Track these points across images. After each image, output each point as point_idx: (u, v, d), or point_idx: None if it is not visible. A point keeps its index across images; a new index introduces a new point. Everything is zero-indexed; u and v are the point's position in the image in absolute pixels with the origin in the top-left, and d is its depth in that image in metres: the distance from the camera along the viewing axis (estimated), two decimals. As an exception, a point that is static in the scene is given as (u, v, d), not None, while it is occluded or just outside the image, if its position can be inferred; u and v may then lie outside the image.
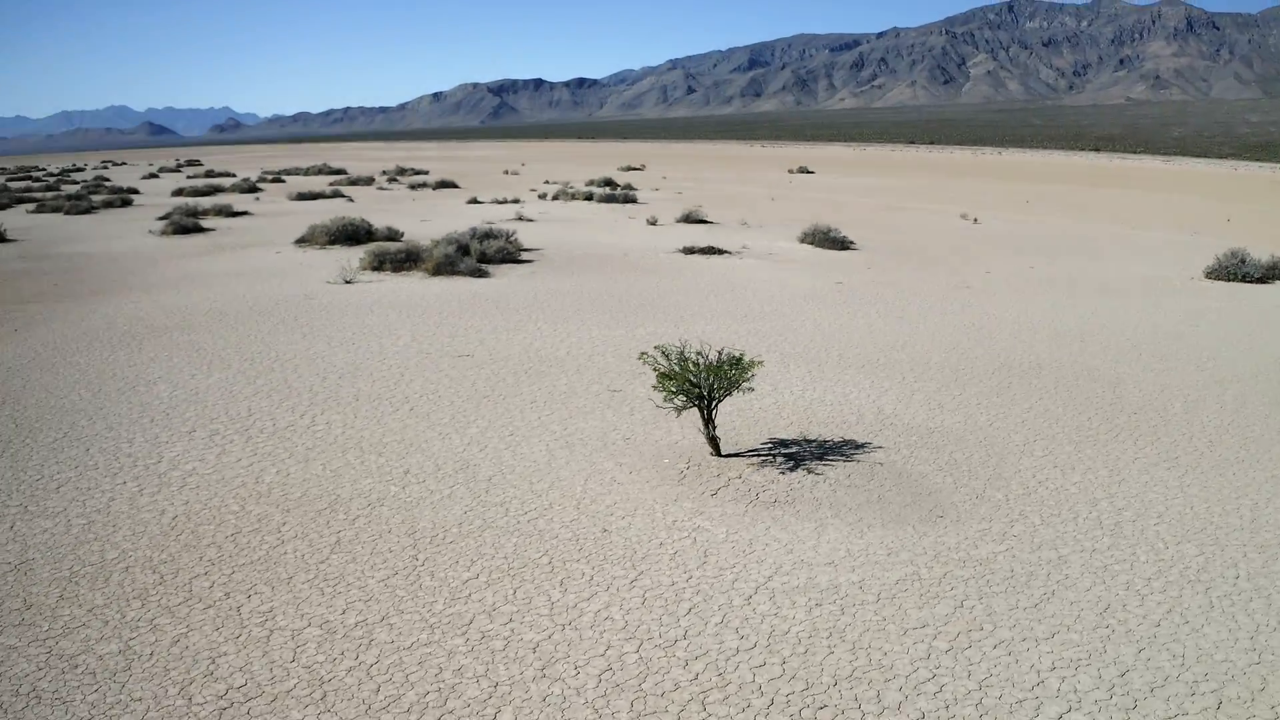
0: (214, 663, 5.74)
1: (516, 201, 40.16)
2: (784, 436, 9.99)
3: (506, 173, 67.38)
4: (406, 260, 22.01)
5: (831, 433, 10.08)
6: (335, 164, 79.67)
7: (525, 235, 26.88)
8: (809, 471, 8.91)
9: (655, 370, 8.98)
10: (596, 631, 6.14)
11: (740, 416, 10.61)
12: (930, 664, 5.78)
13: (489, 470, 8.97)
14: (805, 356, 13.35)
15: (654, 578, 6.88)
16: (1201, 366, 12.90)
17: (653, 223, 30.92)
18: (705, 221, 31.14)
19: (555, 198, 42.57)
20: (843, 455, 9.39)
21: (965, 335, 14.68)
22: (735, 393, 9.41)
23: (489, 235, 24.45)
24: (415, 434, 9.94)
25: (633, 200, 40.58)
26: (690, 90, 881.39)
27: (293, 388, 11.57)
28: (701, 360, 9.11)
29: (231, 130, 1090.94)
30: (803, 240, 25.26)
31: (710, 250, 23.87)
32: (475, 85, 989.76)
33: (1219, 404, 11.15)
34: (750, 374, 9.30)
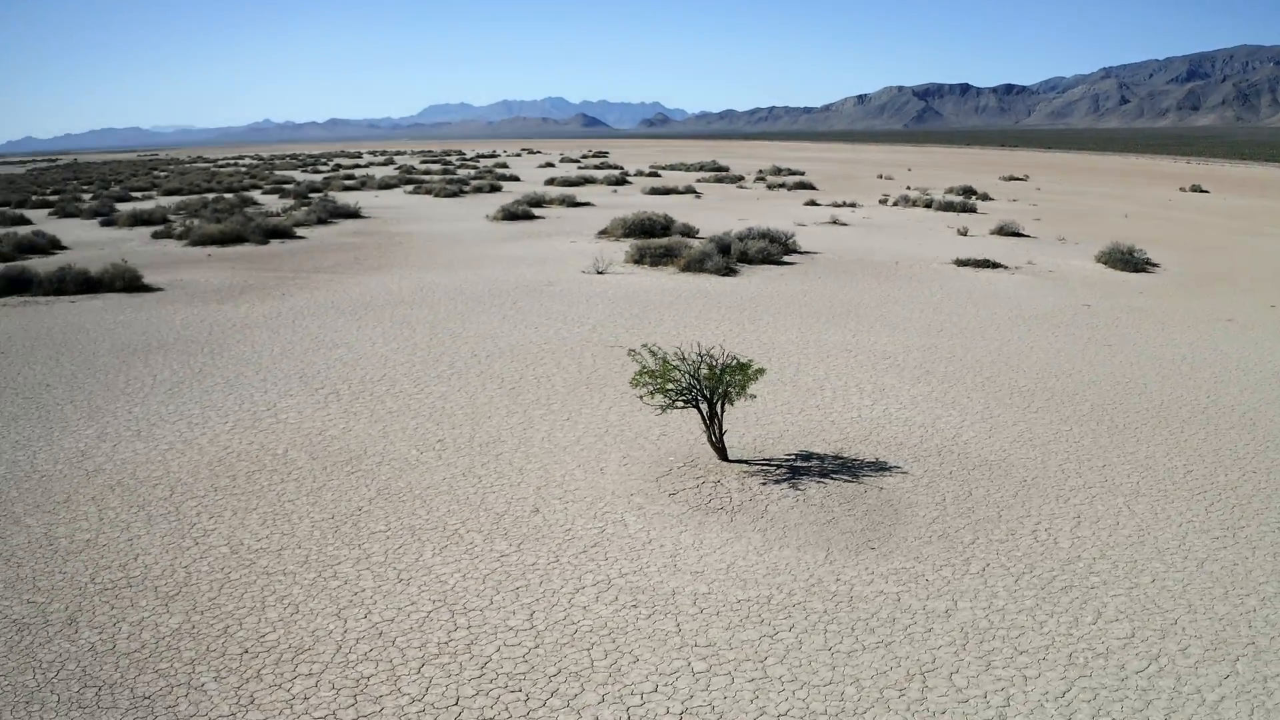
0: (135, 558, 7.20)
1: (853, 206, 39.75)
2: (818, 450, 9.58)
3: (881, 177, 66.28)
4: (664, 256, 23.17)
5: (872, 452, 9.47)
6: (723, 161, 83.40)
7: (821, 239, 27.01)
8: (793, 486, 8.57)
9: (641, 367, 9.13)
10: (417, 589, 6.72)
11: (795, 425, 10.31)
12: (661, 679, 5.63)
13: (508, 447, 9.72)
14: (948, 376, 12.36)
15: (523, 557, 7.25)
16: None
17: (963, 233, 29.18)
18: (1019, 235, 28.76)
19: (895, 203, 41.52)
20: (851, 475, 8.85)
21: (1157, 370, 12.58)
22: (740, 400, 9.24)
23: (763, 236, 24.90)
24: (489, 410, 10.94)
25: (971, 210, 38.37)
26: (1124, 100, 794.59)
27: (441, 361, 13.14)
28: (696, 363, 9.10)
29: (659, 125, 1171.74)
30: (1098, 259, 22.58)
31: (983, 264, 22.27)
32: (900, 88, 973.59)
33: (1391, 479, 8.70)
34: (751, 381, 9.11)
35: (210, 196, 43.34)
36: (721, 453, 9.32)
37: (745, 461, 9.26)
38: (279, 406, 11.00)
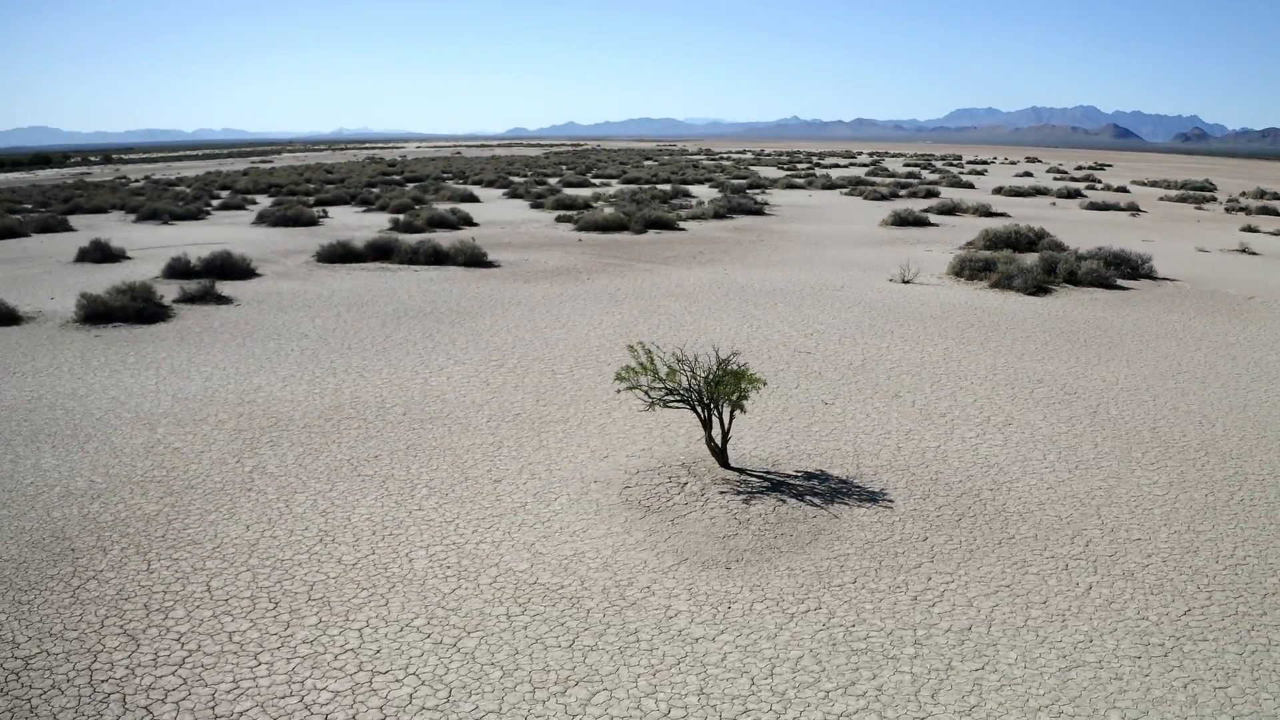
0: (185, 467, 9.21)
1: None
2: (834, 472, 8.97)
3: None
4: (983, 269, 21.52)
5: (887, 481, 8.64)
6: (1217, 180, 71.42)
7: (1203, 266, 23.31)
8: (745, 501, 8.22)
9: (636, 360, 9.19)
10: (323, 521, 7.89)
11: (852, 445, 9.68)
12: (375, 624, 6.20)
13: (562, 428, 10.43)
14: (1107, 419, 10.45)
15: (429, 514, 8.06)
16: None
17: None
18: None
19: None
20: (824, 501, 8.23)
21: None
22: (737, 410, 8.91)
23: (1107, 257, 21.88)
24: (597, 395, 11.66)
25: None
26: None
27: (617, 347, 14.09)
28: (700, 368, 8.99)
29: (1195, 140, 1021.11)
30: None
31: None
32: None
33: None
34: (745, 391, 8.78)
35: (646, 187, 47.91)
36: (721, 459, 9.17)
37: (742, 470, 9.01)
38: (440, 369, 12.83)
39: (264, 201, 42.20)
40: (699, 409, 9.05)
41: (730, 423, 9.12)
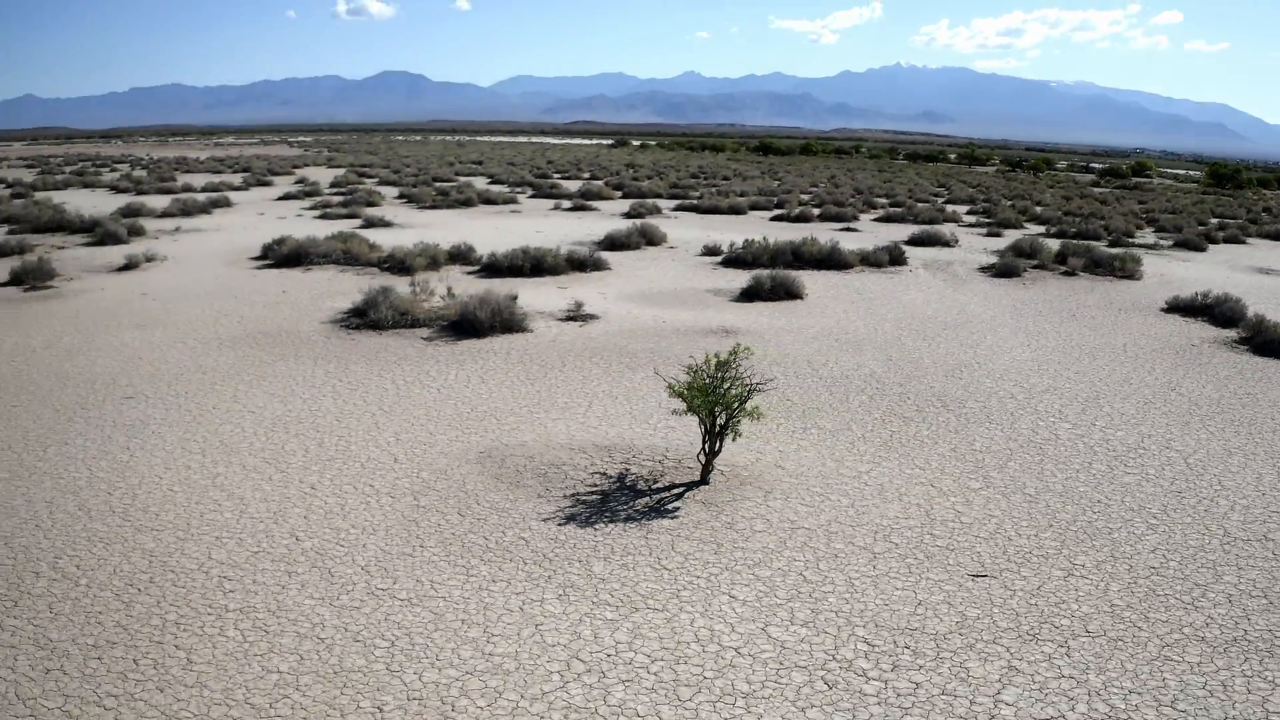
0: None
1: None
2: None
3: None
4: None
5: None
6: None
7: None
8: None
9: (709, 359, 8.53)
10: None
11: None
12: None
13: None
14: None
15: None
16: None
17: None
18: None
19: None
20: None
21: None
22: (729, 432, 8.32)
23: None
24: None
25: None
26: None
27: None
28: (712, 378, 8.29)
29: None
30: None
31: None
32: None
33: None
34: (745, 413, 8.22)
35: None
36: (704, 471, 8.51)
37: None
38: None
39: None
40: (700, 417, 8.38)
41: (719, 443, 8.40)
